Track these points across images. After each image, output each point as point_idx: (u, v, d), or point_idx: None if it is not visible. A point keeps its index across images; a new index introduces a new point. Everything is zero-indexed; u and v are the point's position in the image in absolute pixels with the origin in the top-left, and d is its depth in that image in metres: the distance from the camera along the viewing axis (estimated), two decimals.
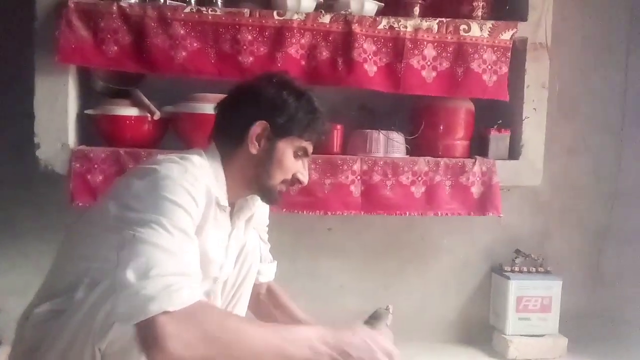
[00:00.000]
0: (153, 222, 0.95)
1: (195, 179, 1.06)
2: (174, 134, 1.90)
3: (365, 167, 1.92)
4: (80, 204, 1.76)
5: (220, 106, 1.26)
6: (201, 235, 1.10)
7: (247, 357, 0.94)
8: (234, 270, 1.31)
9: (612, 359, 2.05)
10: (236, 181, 1.20)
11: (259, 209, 1.37)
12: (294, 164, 1.22)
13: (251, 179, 1.21)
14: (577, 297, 2.19)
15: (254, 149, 1.18)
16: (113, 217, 1.02)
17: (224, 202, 1.17)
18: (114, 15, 1.73)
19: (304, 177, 1.25)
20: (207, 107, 1.78)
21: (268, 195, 1.24)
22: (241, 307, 1.36)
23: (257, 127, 1.17)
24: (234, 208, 1.26)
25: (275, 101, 1.18)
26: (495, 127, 2.02)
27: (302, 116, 1.19)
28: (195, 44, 1.76)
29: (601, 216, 2.25)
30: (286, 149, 1.20)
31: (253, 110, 1.18)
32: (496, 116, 2.03)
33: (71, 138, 1.81)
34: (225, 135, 1.22)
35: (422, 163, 1.95)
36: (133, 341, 0.92)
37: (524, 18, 1.95)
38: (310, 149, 1.24)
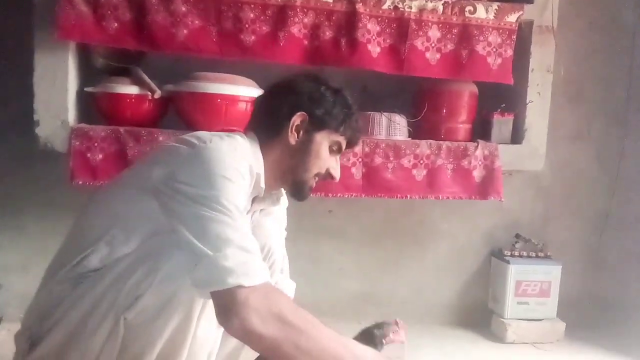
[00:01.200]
0: (212, 199, 0.97)
1: (242, 156, 1.08)
2: (174, 114, 1.88)
3: (367, 150, 1.91)
4: (80, 182, 1.75)
5: (260, 98, 1.30)
6: None
7: (311, 350, 0.96)
8: None
9: (609, 343, 2.06)
10: (271, 171, 1.20)
11: (280, 210, 1.38)
12: (329, 158, 1.23)
13: (286, 169, 1.22)
14: (577, 282, 2.20)
15: (292, 139, 1.19)
16: (159, 182, 1.02)
17: (263, 183, 1.18)
18: None
19: (337, 173, 1.26)
20: (209, 86, 1.77)
21: (299, 189, 1.24)
22: None
23: (297, 118, 1.19)
24: (258, 198, 1.26)
25: (314, 94, 1.21)
26: (499, 110, 2.00)
27: (339, 111, 1.21)
28: (196, 22, 1.73)
29: (602, 202, 2.25)
30: (323, 142, 1.21)
31: (293, 102, 1.20)
32: (500, 100, 2.02)
33: (71, 116, 1.79)
34: (264, 125, 1.22)
35: (424, 146, 1.94)
36: (161, 311, 0.98)
37: (530, 0, 1.92)
38: (344, 145, 1.25)
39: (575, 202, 2.25)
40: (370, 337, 1.14)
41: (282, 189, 1.31)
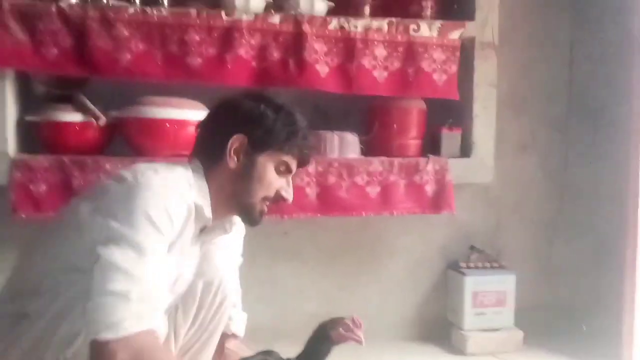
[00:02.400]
0: (126, 240, 0.94)
1: (175, 192, 1.04)
2: (121, 140, 1.83)
3: (320, 169, 1.91)
4: (23, 216, 1.68)
5: (201, 122, 1.24)
6: (174, 249, 1.07)
7: None
8: (207, 301, 1.25)
9: (567, 349, 2.10)
10: (217, 198, 1.15)
11: (234, 239, 1.33)
12: (276, 180, 1.17)
13: (231, 195, 1.16)
14: (531, 290, 2.25)
15: (232, 163, 1.14)
16: (84, 220, 0.99)
17: (209, 214, 1.13)
18: (53, 17, 1.65)
19: (288, 194, 1.20)
20: (156, 111, 1.74)
21: (248, 214, 1.19)
22: (211, 348, 1.31)
23: (235, 141, 1.14)
24: (207, 226, 1.21)
25: (253, 114, 1.15)
26: (447, 125, 2.04)
27: (281, 129, 1.15)
28: (140, 46, 1.71)
29: (551, 210, 2.31)
30: (266, 164, 1.16)
31: (231, 124, 1.15)
32: (447, 114, 2.06)
33: (11, 146, 1.72)
34: (206, 151, 1.18)
35: (377, 163, 1.95)
36: None
37: (471, 17, 1.99)
38: (292, 164, 1.19)
39: (525, 211, 2.31)
40: (322, 332, 1.10)
41: (236, 216, 1.26)
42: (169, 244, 1.02)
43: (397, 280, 2.24)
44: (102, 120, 1.75)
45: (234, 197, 1.16)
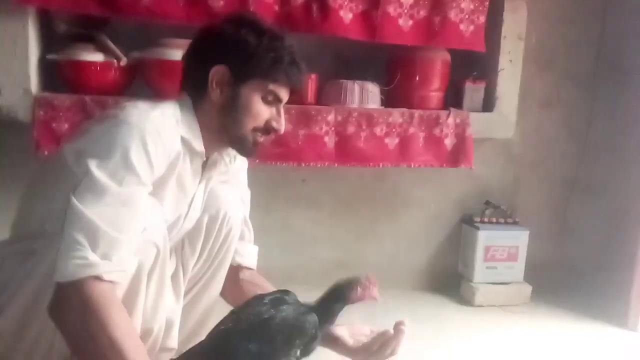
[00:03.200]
0: (97, 185, 0.93)
1: (156, 128, 1.00)
2: (142, 82, 1.83)
3: (339, 118, 1.90)
4: (45, 153, 1.70)
5: (184, 54, 1.18)
6: (166, 187, 1.08)
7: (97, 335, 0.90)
8: (213, 234, 1.26)
9: (573, 305, 2.13)
10: (209, 132, 1.13)
11: (237, 172, 1.31)
12: (264, 110, 1.12)
13: (221, 128, 1.13)
14: (543, 247, 2.26)
15: (215, 96, 1.10)
16: (67, 162, 0.98)
17: (200, 147, 1.11)
18: None
19: (279, 125, 1.14)
20: (176, 53, 1.72)
21: (240, 146, 1.16)
22: (219, 278, 1.32)
23: (215, 73, 1.08)
24: (208, 162, 1.19)
25: (232, 41, 1.08)
26: (471, 78, 2.00)
27: (264, 55, 1.07)
28: None
29: (570, 168, 2.29)
30: (252, 94, 1.10)
31: (211, 54, 1.09)
32: (472, 67, 2.01)
33: (33, 84, 1.73)
34: (191, 84, 1.14)
35: (397, 115, 1.94)
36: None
37: None
38: (281, 93, 1.12)
39: (544, 168, 2.29)
40: (339, 292, 1.09)
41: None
42: (152, 183, 1.01)
43: (411, 232, 2.26)
44: (123, 60, 1.74)
45: (224, 130, 1.13)
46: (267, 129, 1.14)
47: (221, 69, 1.08)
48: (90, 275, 0.90)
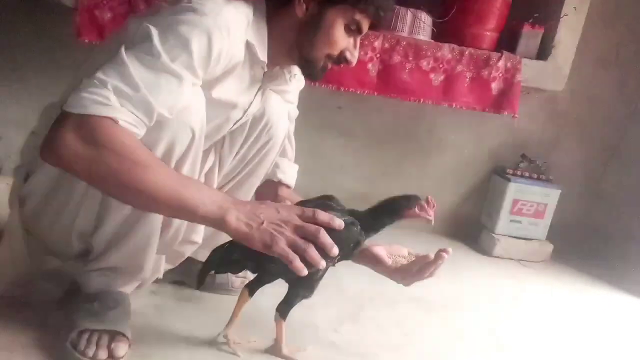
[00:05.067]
0: (154, 43, 0.89)
1: (227, 25, 0.96)
2: None
3: (386, 45, 1.83)
4: (86, 40, 1.68)
5: None
6: (214, 89, 1.05)
7: (132, 186, 0.84)
8: (252, 137, 1.24)
9: (593, 270, 2.10)
10: (278, 44, 1.09)
11: (292, 89, 1.29)
12: (343, 38, 1.08)
13: (293, 45, 1.09)
14: (573, 209, 2.22)
15: (300, 11, 1.06)
16: (128, 30, 0.96)
17: (263, 56, 1.08)
18: None
19: (353, 57, 1.11)
20: None
21: (308, 68, 1.12)
22: (253, 181, 1.32)
23: None
24: (269, 73, 1.15)
25: None
26: (530, 22, 1.90)
27: None
28: None
29: (613, 133, 2.21)
30: (337, 19, 1.06)
31: None
32: (532, 10, 1.91)
33: None
34: None
35: (446, 50, 1.86)
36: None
37: None
38: (365, 24, 1.08)
39: (588, 129, 2.22)
40: (394, 205, 1.07)
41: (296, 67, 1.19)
42: (204, 81, 0.98)
43: (439, 175, 2.22)
44: None
45: (296, 47, 1.10)
46: (340, 58, 1.11)
47: None
48: (107, 116, 0.84)
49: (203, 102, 1.01)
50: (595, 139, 2.22)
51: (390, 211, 1.07)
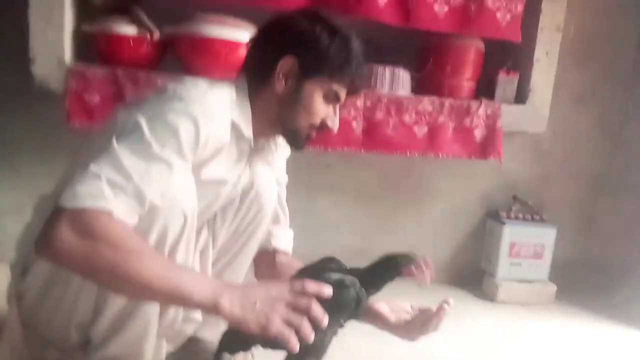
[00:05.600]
0: (139, 140, 0.92)
1: (211, 112, 1.00)
2: (173, 58, 1.83)
3: (368, 104, 1.88)
4: (76, 124, 1.72)
5: (252, 38, 1.19)
6: (209, 168, 1.07)
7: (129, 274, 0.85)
8: (243, 209, 1.26)
9: (599, 307, 2.08)
10: (262, 119, 1.13)
11: (279, 157, 1.32)
12: (323, 108, 1.12)
13: (276, 119, 1.13)
14: (571, 246, 2.22)
15: (279, 86, 1.09)
16: (116, 121, 0.98)
17: (248, 134, 1.11)
18: None
19: (334, 124, 1.14)
20: (208, 29, 1.72)
21: (293, 139, 1.16)
22: (247, 253, 1.33)
23: (285, 63, 1.08)
24: (255, 146, 1.19)
25: (306, 36, 1.08)
26: (505, 69, 1.97)
27: (335, 55, 1.07)
28: None
29: (601, 167, 2.24)
30: (315, 91, 1.10)
31: (282, 44, 1.09)
32: (505, 57, 1.98)
33: (67, 54, 1.74)
34: (254, 70, 1.14)
35: (427, 102, 1.91)
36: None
37: None
38: (342, 93, 1.12)
39: (574, 165, 2.25)
40: (393, 262, 1.08)
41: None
42: (193, 164, 1.00)
43: (435, 224, 2.23)
44: (156, 34, 1.74)
45: (279, 121, 1.13)
46: (322, 126, 1.14)
47: (291, 60, 1.08)
48: (102, 208, 0.86)
49: (193, 185, 1.03)
50: (582, 174, 2.25)
51: (389, 269, 1.08)
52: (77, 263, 0.86)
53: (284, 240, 1.40)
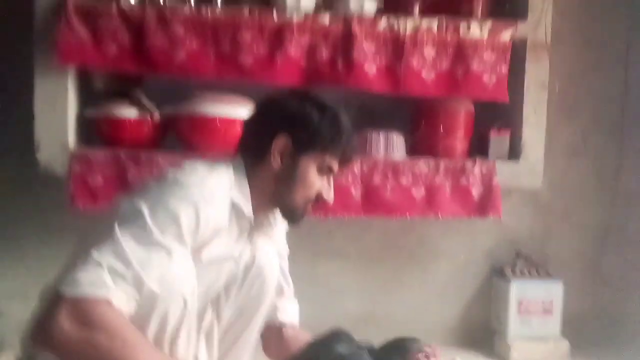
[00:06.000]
0: (145, 219, 0.96)
1: (211, 196, 1.05)
2: (174, 135, 1.89)
3: (365, 169, 1.91)
4: (80, 207, 1.75)
5: (246, 120, 1.26)
6: (212, 248, 1.10)
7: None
8: (246, 284, 1.27)
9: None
10: (259, 196, 1.18)
11: (278, 230, 1.35)
12: (318, 180, 1.18)
13: (273, 195, 1.18)
14: (579, 299, 2.18)
15: (275, 164, 1.16)
16: (118, 209, 1.02)
17: (249, 212, 1.15)
18: (113, 16, 1.72)
19: (329, 196, 1.22)
20: (206, 107, 1.78)
21: (290, 214, 1.22)
22: (252, 328, 1.32)
23: (279, 142, 1.15)
24: (255, 222, 1.23)
25: (298, 115, 1.16)
26: (495, 128, 2.01)
27: (326, 131, 1.16)
28: (194, 44, 1.75)
29: (602, 217, 2.24)
30: (309, 165, 1.17)
31: (275, 124, 1.16)
32: (496, 116, 2.02)
33: (71, 139, 1.80)
34: (249, 149, 1.20)
35: (423, 164, 1.94)
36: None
37: (523, 17, 1.95)
38: (335, 165, 1.20)
39: (575, 218, 2.25)
40: (402, 346, 1.11)
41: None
42: (193, 247, 1.03)
43: (440, 285, 2.21)
44: (156, 116, 1.80)
45: (276, 197, 1.19)
46: (317, 199, 1.21)
47: (285, 139, 1.15)
48: (102, 297, 0.89)
49: (192, 269, 1.05)
50: (584, 226, 2.25)
51: (399, 350, 1.11)
52: (75, 352, 0.88)
53: (290, 313, 1.40)
